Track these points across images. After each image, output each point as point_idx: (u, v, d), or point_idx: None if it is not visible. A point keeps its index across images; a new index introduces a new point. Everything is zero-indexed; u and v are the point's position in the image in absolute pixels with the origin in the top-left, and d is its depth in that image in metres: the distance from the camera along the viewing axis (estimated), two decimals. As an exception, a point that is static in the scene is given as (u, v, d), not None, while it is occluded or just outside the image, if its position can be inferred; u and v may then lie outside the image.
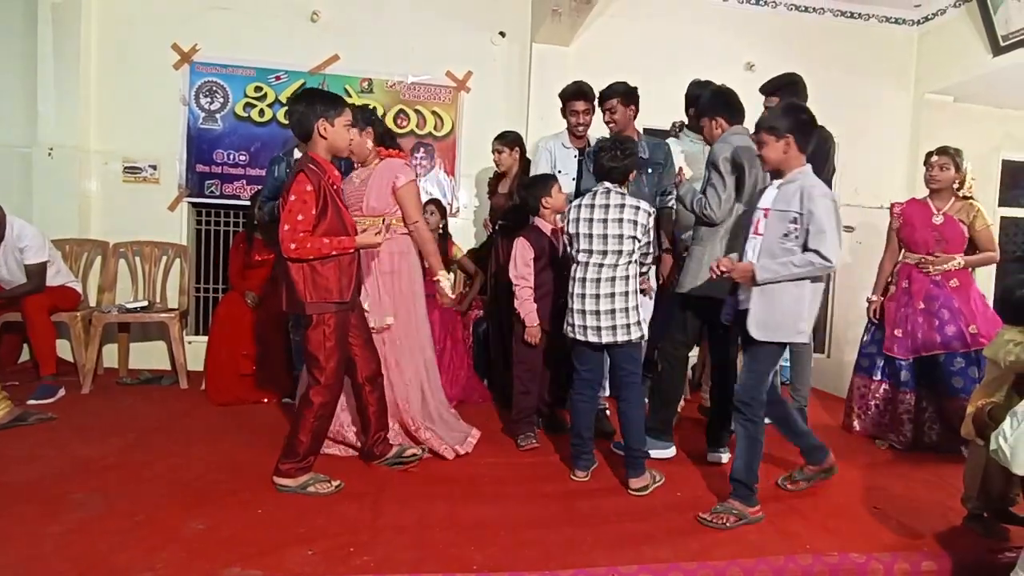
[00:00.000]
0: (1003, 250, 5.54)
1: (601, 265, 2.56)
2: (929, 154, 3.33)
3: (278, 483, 2.38)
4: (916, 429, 3.23)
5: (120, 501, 2.22)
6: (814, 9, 4.98)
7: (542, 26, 4.30)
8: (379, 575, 1.86)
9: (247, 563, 1.86)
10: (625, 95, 3.22)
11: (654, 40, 4.69)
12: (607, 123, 3.31)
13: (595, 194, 2.61)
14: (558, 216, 3.00)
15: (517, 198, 3.38)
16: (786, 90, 3.26)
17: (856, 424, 3.46)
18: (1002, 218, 5.53)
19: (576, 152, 3.42)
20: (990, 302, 3.28)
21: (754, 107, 3.89)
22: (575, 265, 2.63)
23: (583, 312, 2.57)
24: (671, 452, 2.94)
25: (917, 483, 2.78)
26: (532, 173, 3.45)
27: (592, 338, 2.56)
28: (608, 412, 3.31)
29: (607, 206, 2.56)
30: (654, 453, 2.80)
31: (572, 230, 2.63)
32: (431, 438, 2.80)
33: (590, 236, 2.57)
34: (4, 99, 4.12)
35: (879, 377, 3.38)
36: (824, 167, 3.26)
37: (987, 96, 5.01)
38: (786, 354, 4.27)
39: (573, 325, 2.61)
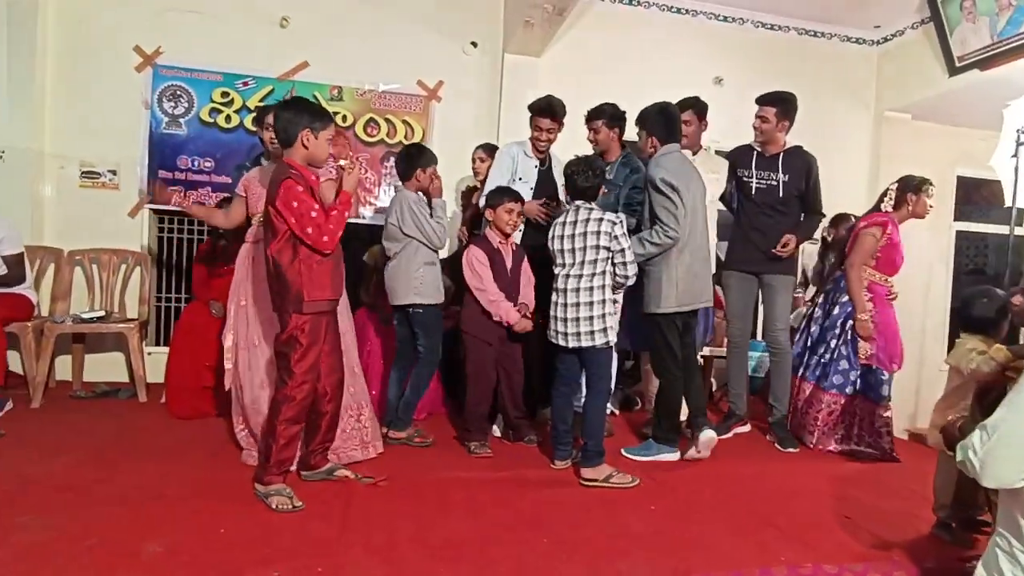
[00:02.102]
0: (957, 263, 5.81)
1: (577, 276, 2.79)
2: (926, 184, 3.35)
3: (255, 487, 2.39)
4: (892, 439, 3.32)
5: (71, 524, 2.09)
6: (780, 27, 5.12)
7: (514, 36, 4.31)
8: (348, 597, 1.79)
9: (208, 587, 1.77)
10: (611, 117, 3.33)
11: (625, 53, 4.74)
12: (589, 140, 3.36)
13: (568, 212, 2.85)
14: (509, 232, 3.10)
15: None
16: (780, 104, 3.38)
17: (812, 440, 3.41)
18: (957, 232, 5.73)
19: (537, 163, 3.42)
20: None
21: (727, 120, 3.99)
22: (556, 277, 2.86)
23: (562, 320, 2.81)
24: (676, 455, 3.08)
25: (885, 493, 2.83)
26: (491, 176, 3.43)
27: (562, 342, 2.81)
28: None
29: (580, 221, 2.80)
30: (662, 456, 3.06)
31: (554, 246, 2.85)
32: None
33: (564, 251, 2.82)
34: (-48, 99, 3.93)
35: (850, 392, 3.37)
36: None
37: (943, 114, 5.20)
38: (759, 365, 4.37)
39: (555, 332, 2.84)
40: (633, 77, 4.55)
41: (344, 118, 4.34)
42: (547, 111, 3.28)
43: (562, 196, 3.52)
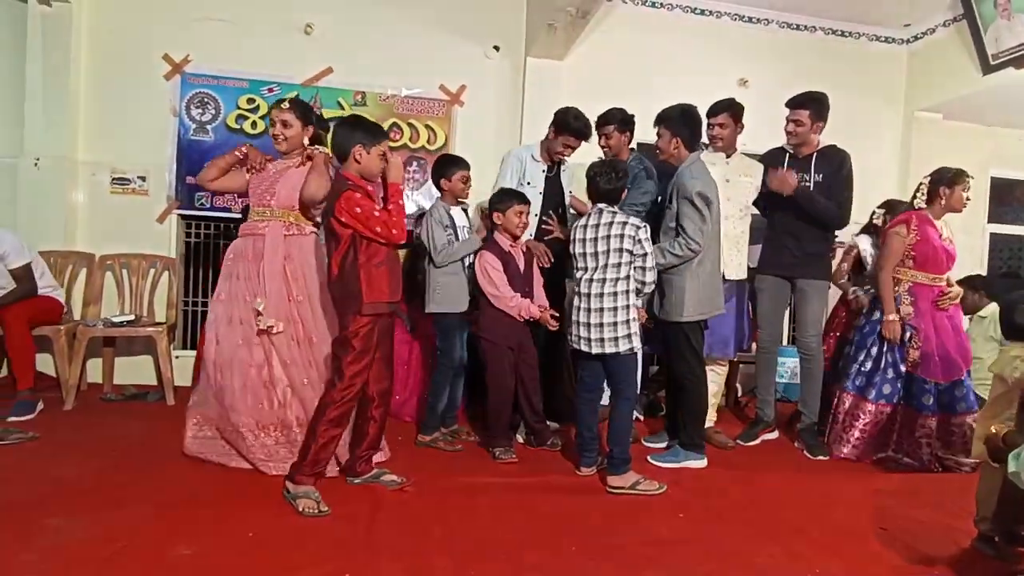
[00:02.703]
0: (991, 266, 5.65)
1: (600, 280, 2.74)
2: (961, 177, 3.21)
3: (285, 487, 2.43)
4: (932, 450, 3.16)
5: (100, 526, 2.11)
6: (806, 27, 5.03)
7: (537, 40, 4.29)
8: (375, 603, 1.78)
9: (236, 591, 1.77)
10: (621, 122, 3.34)
11: (648, 55, 4.70)
12: (602, 146, 3.39)
13: (590, 215, 2.81)
14: (519, 235, 3.11)
15: None
16: (813, 105, 3.34)
17: (846, 450, 3.26)
18: (991, 235, 5.58)
19: (545, 167, 3.42)
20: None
21: (752, 122, 3.92)
22: (577, 282, 2.81)
23: (584, 324, 2.76)
24: (704, 462, 3.05)
25: (921, 504, 2.74)
26: (498, 180, 3.44)
27: (585, 348, 2.76)
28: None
29: (603, 224, 2.76)
30: (689, 463, 3.02)
31: (575, 249, 2.82)
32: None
33: (587, 254, 2.78)
34: (-10, 108, 4.04)
35: (894, 401, 3.22)
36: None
37: (976, 114, 5.07)
38: (794, 372, 4.26)
39: (577, 337, 2.79)
40: (657, 80, 4.51)
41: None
42: (578, 134, 3.28)
43: (567, 200, 3.52)
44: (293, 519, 2.25)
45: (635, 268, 2.73)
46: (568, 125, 3.27)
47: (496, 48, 4.55)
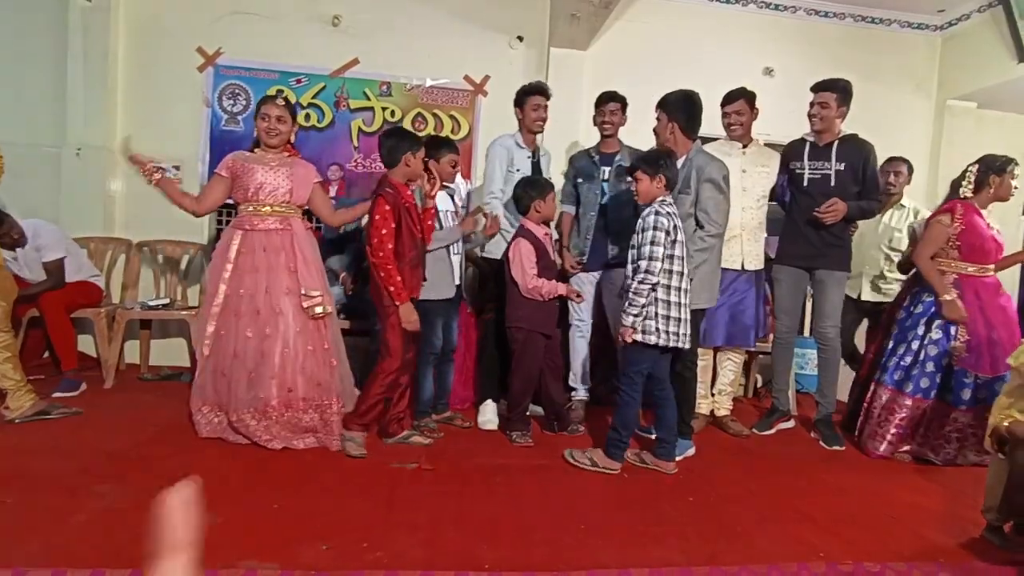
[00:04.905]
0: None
1: (683, 272, 2.70)
2: (1011, 164, 3.19)
3: (343, 434, 2.84)
4: (960, 447, 3.11)
5: (140, 494, 2.26)
6: (835, 14, 4.95)
7: (559, 30, 4.32)
8: (391, 571, 1.88)
9: (263, 556, 1.89)
10: (624, 103, 3.43)
11: (672, 44, 4.69)
12: (602, 123, 3.44)
13: (668, 203, 2.72)
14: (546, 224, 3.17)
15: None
16: (839, 89, 3.30)
17: (882, 447, 3.16)
18: (1030, 228, 5.44)
19: (530, 152, 3.44)
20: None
21: (777, 112, 3.91)
22: (670, 275, 2.68)
23: (676, 319, 2.68)
24: (693, 450, 3.07)
25: (932, 493, 2.76)
26: (487, 171, 3.48)
27: (672, 343, 2.68)
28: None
29: (675, 214, 2.72)
30: (685, 452, 3.01)
31: (677, 238, 2.68)
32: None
33: (679, 243, 2.68)
34: (34, 100, 4.23)
35: (931, 396, 3.12)
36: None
37: (1012, 103, 4.93)
38: (812, 363, 4.24)
39: (668, 333, 2.67)
40: (680, 70, 4.46)
41: (392, 113, 4.47)
42: (543, 89, 3.43)
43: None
44: (316, 495, 2.38)
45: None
46: (522, 90, 3.41)
47: (519, 39, 4.60)
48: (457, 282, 3.25)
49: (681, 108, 2.94)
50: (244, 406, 2.81)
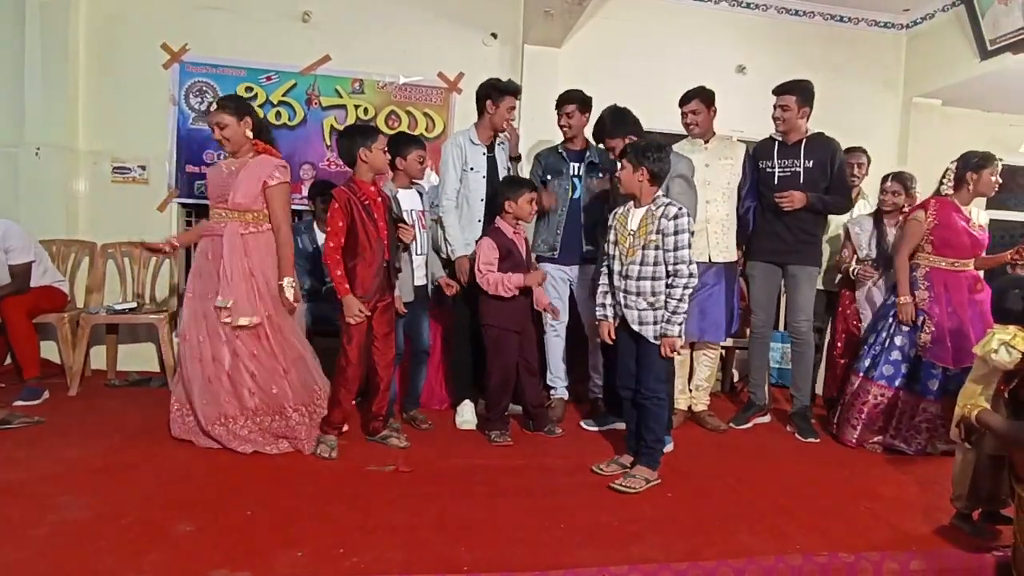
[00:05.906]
0: (990, 252, 5.63)
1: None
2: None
3: (317, 437, 2.85)
4: (930, 437, 3.16)
5: (106, 504, 2.20)
6: (804, 13, 5.01)
7: (534, 27, 4.30)
8: (369, 576, 1.85)
9: (236, 565, 1.84)
10: (581, 103, 3.39)
11: (646, 41, 4.70)
12: (562, 126, 3.43)
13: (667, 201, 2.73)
14: (529, 222, 3.19)
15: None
16: (799, 91, 3.35)
17: (851, 433, 3.26)
18: (990, 220, 5.57)
19: (484, 149, 3.38)
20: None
21: (750, 109, 3.94)
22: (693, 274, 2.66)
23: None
24: (671, 446, 3.04)
25: (905, 484, 2.80)
26: (442, 171, 3.43)
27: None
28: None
29: None
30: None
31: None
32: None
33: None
34: (-11, 98, 4.08)
35: (897, 384, 3.20)
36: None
37: (975, 100, 5.05)
38: (785, 356, 4.29)
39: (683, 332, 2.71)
40: (654, 67, 4.53)
41: (365, 111, 4.40)
42: (513, 88, 3.34)
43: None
44: (290, 500, 2.32)
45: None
46: (500, 87, 3.30)
47: (494, 36, 4.56)
48: (420, 283, 3.22)
49: (627, 125, 3.12)
50: (210, 412, 2.77)
